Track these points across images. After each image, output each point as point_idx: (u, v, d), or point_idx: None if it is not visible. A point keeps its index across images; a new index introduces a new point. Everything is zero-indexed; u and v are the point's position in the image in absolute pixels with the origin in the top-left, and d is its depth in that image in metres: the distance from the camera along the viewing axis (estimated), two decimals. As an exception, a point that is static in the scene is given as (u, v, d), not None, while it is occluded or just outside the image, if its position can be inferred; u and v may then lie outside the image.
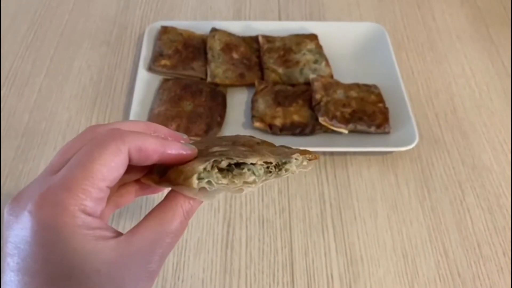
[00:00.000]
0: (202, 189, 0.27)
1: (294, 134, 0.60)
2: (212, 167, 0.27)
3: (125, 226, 0.52)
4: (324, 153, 0.60)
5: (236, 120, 0.62)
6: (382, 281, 0.49)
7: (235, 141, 0.33)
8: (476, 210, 0.55)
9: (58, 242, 0.24)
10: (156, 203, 0.28)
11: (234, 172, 0.27)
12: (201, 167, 0.26)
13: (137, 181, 0.31)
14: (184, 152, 0.29)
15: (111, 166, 0.25)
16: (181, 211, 0.27)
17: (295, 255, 0.51)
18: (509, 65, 0.72)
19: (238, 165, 0.28)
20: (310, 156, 0.32)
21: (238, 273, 0.50)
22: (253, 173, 0.28)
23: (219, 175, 0.27)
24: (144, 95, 0.63)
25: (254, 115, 0.60)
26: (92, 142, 0.26)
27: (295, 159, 0.30)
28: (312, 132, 0.60)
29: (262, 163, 0.28)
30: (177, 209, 0.27)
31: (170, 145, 0.28)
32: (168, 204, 0.27)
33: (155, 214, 0.27)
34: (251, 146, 0.32)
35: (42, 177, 0.26)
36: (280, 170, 0.29)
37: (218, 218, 0.53)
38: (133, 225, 0.27)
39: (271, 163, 0.29)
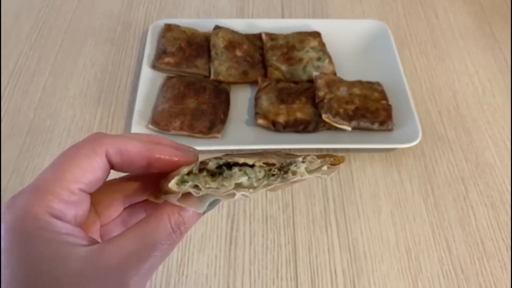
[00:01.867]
0: (190, 196, 0.24)
1: (297, 131, 0.60)
2: (201, 170, 0.24)
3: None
4: (327, 150, 0.60)
5: (240, 117, 0.62)
6: (385, 277, 0.50)
7: (253, 153, 0.30)
8: (480, 206, 0.55)
9: (19, 247, 0.22)
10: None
11: (224, 175, 0.24)
12: (185, 169, 0.24)
13: (146, 200, 0.29)
14: (176, 159, 0.26)
15: (84, 168, 0.24)
16: (167, 221, 0.24)
17: (299, 251, 0.51)
18: (512, 62, 0.72)
19: (231, 168, 0.25)
20: (332, 159, 0.26)
21: (242, 269, 0.50)
22: (246, 173, 0.25)
23: (207, 178, 0.24)
24: (148, 92, 0.63)
25: (257, 112, 0.60)
26: (71, 146, 0.25)
27: (303, 159, 0.26)
28: (315, 129, 0.60)
29: (262, 164, 0.25)
30: (162, 219, 0.24)
31: (159, 149, 0.26)
32: (153, 214, 0.24)
33: (138, 224, 0.24)
34: (261, 153, 0.28)
35: None
36: (285, 172, 0.25)
37: (222, 214, 0.54)
38: None
39: (273, 164, 0.25)
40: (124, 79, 0.67)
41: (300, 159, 0.26)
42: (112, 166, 0.26)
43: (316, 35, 0.70)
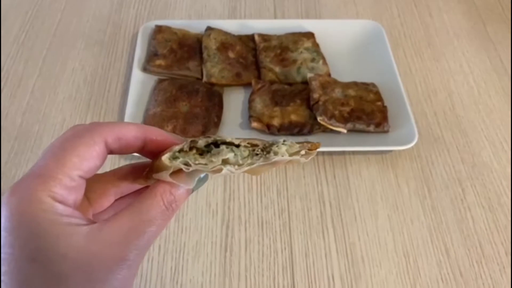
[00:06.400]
0: (180, 173, 0.26)
1: (292, 134, 0.59)
2: (191, 148, 0.26)
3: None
4: (323, 153, 0.59)
5: (233, 120, 0.61)
6: (383, 282, 0.49)
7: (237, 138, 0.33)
8: (477, 208, 0.55)
9: (24, 227, 0.24)
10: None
11: (212, 152, 0.27)
12: (177, 147, 0.26)
13: (136, 192, 0.32)
14: (168, 139, 0.28)
15: (83, 156, 0.25)
16: (160, 199, 0.26)
17: (295, 256, 0.50)
18: (507, 61, 0.71)
19: (219, 146, 0.27)
20: (309, 145, 0.30)
21: (238, 276, 0.49)
22: (232, 151, 0.27)
23: (197, 156, 0.26)
24: (139, 96, 0.62)
25: (251, 115, 0.59)
26: (68, 134, 0.26)
27: (284, 141, 0.28)
28: (310, 132, 0.59)
29: (247, 144, 0.27)
30: (156, 198, 0.26)
31: (151, 130, 0.28)
32: (147, 193, 0.27)
33: (133, 204, 0.26)
34: (245, 139, 0.31)
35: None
36: (268, 152, 0.28)
37: (216, 220, 0.53)
38: None
39: (256, 145, 0.28)
40: (115, 82, 0.66)
41: (281, 140, 0.28)
42: (110, 151, 0.27)
43: (310, 35, 0.69)
